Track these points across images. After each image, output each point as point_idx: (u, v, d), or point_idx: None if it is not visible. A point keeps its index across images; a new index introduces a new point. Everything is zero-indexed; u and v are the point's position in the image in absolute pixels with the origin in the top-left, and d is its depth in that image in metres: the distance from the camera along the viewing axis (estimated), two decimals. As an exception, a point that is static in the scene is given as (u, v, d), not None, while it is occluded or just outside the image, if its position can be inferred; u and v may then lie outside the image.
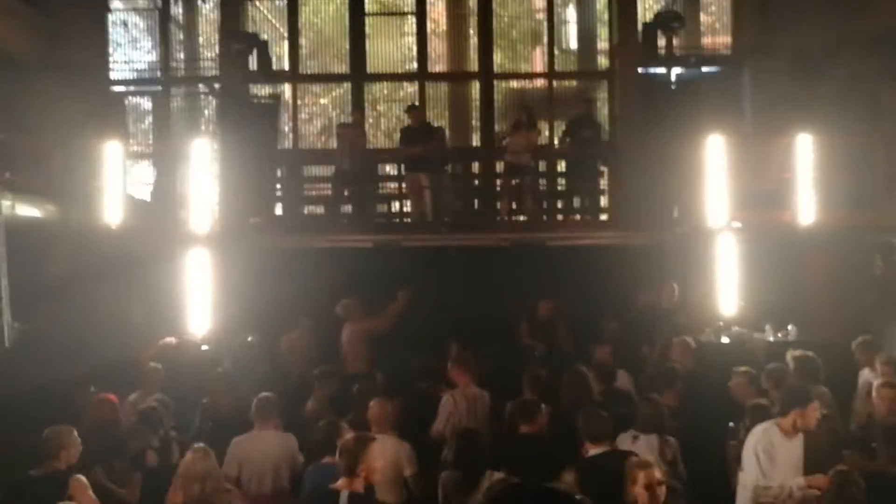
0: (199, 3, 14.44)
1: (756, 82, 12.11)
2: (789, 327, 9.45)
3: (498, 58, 16.70)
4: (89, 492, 5.21)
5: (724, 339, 9.20)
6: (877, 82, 10.38)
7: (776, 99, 11.52)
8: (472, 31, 13.86)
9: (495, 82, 13.70)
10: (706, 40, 14.59)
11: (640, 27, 12.32)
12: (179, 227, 9.90)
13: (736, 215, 9.72)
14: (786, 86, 11.47)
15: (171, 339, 8.92)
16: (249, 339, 9.27)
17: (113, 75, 12.90)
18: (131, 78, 13.60)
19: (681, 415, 6.34)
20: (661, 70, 12.03)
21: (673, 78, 11.76)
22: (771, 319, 9.56)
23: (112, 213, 9.92)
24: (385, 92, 18.65)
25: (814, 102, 10.51)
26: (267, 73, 11.81)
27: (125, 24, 13.98)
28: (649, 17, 13.18)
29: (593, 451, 5.37)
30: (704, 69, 12.94)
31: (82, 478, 5.25)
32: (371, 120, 17.62)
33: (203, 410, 7.23)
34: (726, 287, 9.56)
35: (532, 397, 6.49)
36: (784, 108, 10.94)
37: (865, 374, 7.33)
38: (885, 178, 9.97)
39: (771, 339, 9.38)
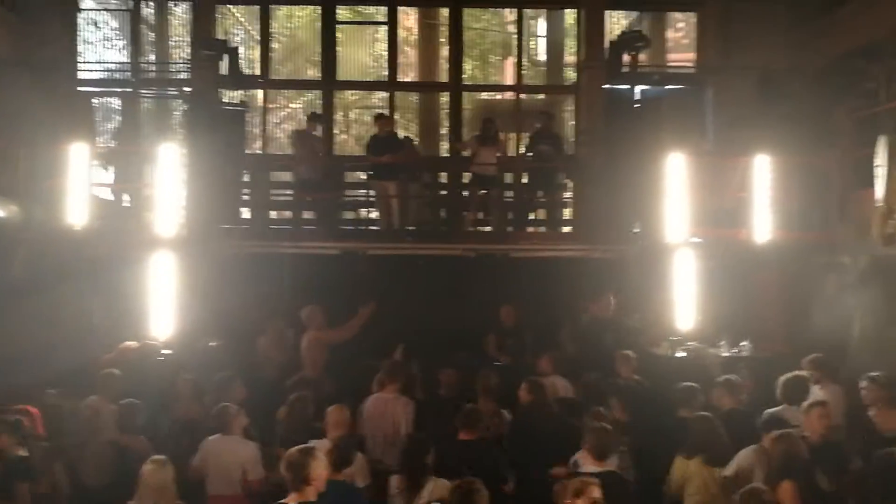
0: (171, 5, 14.44)
1: (718, 101, 12.38)
2: (743, 343, 9.68)
3: (468, 68, 16.90)
4: None
5: (680, 354, 9.40)
6: (833, 104, 10.67)
7: (737, 118, 11.78)
8: (443, 42, 14.00)
9: (465, 93, 13.84)
10: (673, 57, 14.89)
11: (607, 44, 12.51)
12: (145, 229, 9.89)
13: (695, 231, 9.93)
14: (747, 105, 11.76)
15: (132, 343, 8.92)
16: (211, 344, 9.29)
17: (82, 75, 12.83)
18: (101, 78, 13.53)
19: (631, 429, 6.50)
20: (627, 86, 12.23)
21: (638, 94, 11.96)
22: (726, 335, 9.78)
23: (77, 214, 9.86)
24: (356, 99, 18.81)
25: (773, 122, 10.77)
26: (237, 78, 11.83)
27: (96, 23, 13.92)
28: (617, 31, 13.43)
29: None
30: (669, 86, 13.20)
31: None
32: (343, 126, 17.76)
33: (171, 415, 7.29)
34: (683, 302, 9.76)
35: (486, 403, 6.63)
36: (744, 128, 11.20)
37: (815, 391, 7.47)
38: (839, 198, 10.25)
39: (726, 353, 9.59)
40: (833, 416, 6.49)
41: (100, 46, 13.88)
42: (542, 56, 16.66)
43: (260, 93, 14.68)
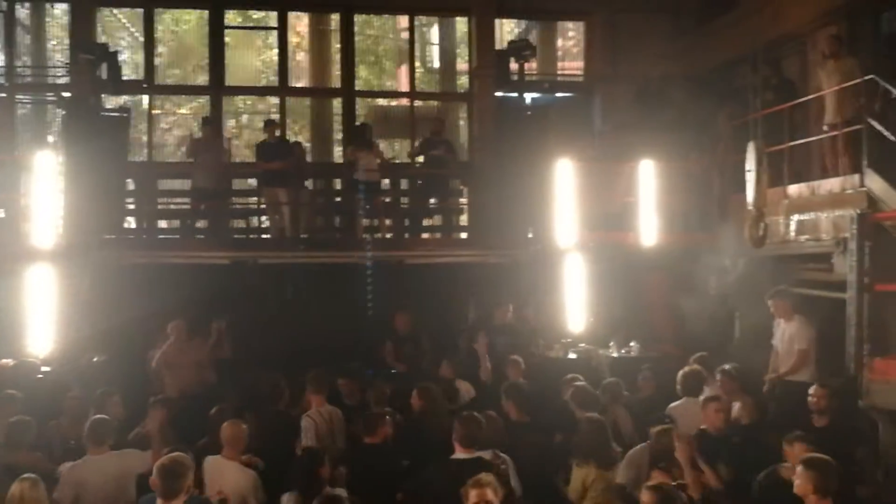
0: (49, 6, 13.83)
1: (605, 108, 12.74)
2: (632, 343, 9.96)
3: (363, 74, 16.83)
4: None
5: (572, 355, 9.59)
6: (712, 111, 11.11)
7: (623, 124, 12.15)
8: (335, 48, 13.89)
9: (358, 99, 13.76)
10: (563, 65, 15.22)
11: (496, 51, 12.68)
12: (21, 241, 9.42)
13: (584, 236, 10.16)
14: (631, 112, 12.14)
15: (6, 361, 8.48)
16: (95, 359, 8.92)
17: (-50, 78, 12.15)
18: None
19: (523, 430, 6.58)
20: (517, 93, 12.43)
21: (528, 102, 12.17)
22: (616, 336, 10.04)
23: (-54, 226, 9.35)
24: (247, 104, 18.45)
25: (656, 129, 11.13)
26: (117, 83, 11.38)
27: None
28: (509, 39, 13.62)
29: (461, 454, 5.48)
30: (559, 94, 13.48)
31: None
32: (234, 132, 17.38)
33: (60, 432, 6.96)
34: (574, 305, 9.98)
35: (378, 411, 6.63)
36: (629, 134, 11.54)
37: (707, 390, 7.69)
38: (719, 202, 10.68)
39: (615, 354, 9.85)
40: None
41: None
42: (435, 63, 16.74)
43: (146, 99, 14.22)
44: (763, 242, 8.93)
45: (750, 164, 8.91)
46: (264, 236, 12.25)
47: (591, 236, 10.23)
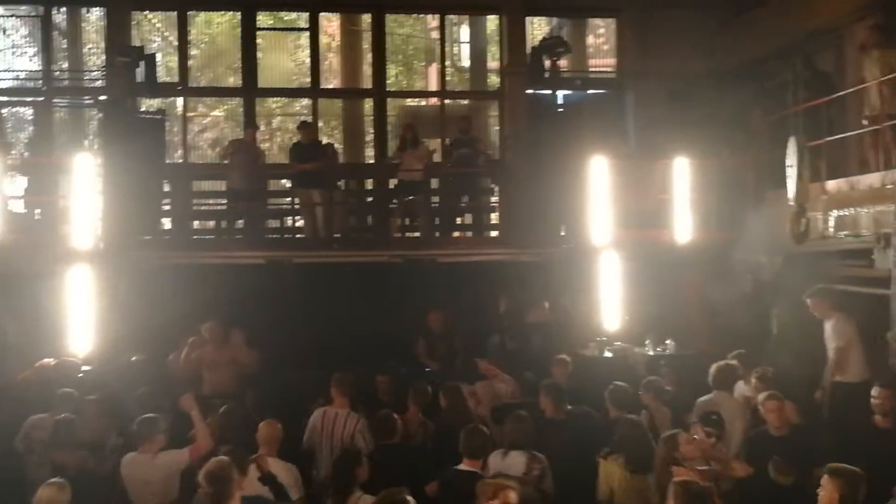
0: (85, 11, 14.02)
1: (637, 105, 12.65)
2: (668, 341, 9.89)
3: (393, 74, 16.88)
4: None
5: (608, 354, 9.54)
6: (746, 107, 11.01)
7: (656, 122, 12.06)
8: (366, 48, 13.94)
9: (389, 99, 13.81)
10: (593, 62, 15.16)
11: (529, 49, 12.66)
12: (61, 242, 9.56)
13: (617, 233, 10.10)
14: (664, 109, 12.05)
15: (49, 361, 8.61)
16: (134, 358, 9.03)
17: (-9, 83, 12.38)
18: (11, 87, 13.05)
19: (561, 428, 6.55)
20: (549, 91, 12.40)
21: (560, 99, 12.14)
22: (651, 334, 9.98)
23: (-14, 228, 9.50)
24: (279, 106, 18.59)
25: (689, 125, 11.05)
26: (153, 86, 11.53)
27: (4, 30, 13.44)
28: (539, 37, 13.59)
29: (465, 466, 5.55)
30: (591, 91, 13.42)
31: None
32: (266, 134, 17.51)
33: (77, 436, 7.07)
34: (609, 303, 9.92)
35: (415, 412, 6.70)
36: (663, 131, 11.46)
37: (740, 387, 7.62)
38: (755, 199, 10.57)
39: (651, 353, 9.78)
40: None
41: (9, 54, 13.40)
42: (465, 62, 16.76)
43: (180, 101, 14.37)
44: (805, 238, 8.83)
45: (790, 159, 8.79)
46: (298, 236, 12.35)
47: (624, 234, 10.17)
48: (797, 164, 8.73)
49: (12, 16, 13.30)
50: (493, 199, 12.98)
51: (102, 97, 12.21)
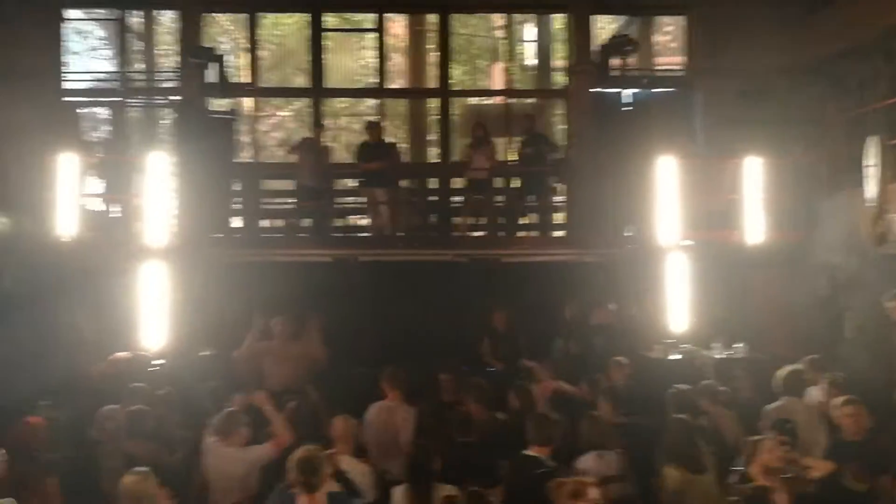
0: (158, 13, 14.38)
1: (707, 103, 12.41)
2: (738, 344, 9.69)
3: (457, 73, 16.91)
4: None
5: (674, 356, 9.39)
6: (820, 104, 10.72)
7: (726, 120, 11.83)
8: (431, 48, 13.99)
9: (453, 99, 13.83)
10: (661, 60, 14.94)
11: (595, 47, 12.54)
12: (135, 240, 9.83)
13: (687, 234, 9.94)
14: (735, 107, 11.80)
15: (123, 354, 8.85)
16: (205, 353, 9.23)
17: (69, 84, 12.75)
18: (88, 88, 13.45)
19: (626, 432, 6.48)
20: (616, 90, 12.26)
21: (627, 98, 12.00)
22: (720, 336, 9.79)
23: (66, 225, 9.81)
24: (345, 106, 18.79)
25: (761, 124, 10.81)
26: (224, 86, 11.79)
27: (82, 32, 13.85)
28: (606, 34, 13.45)
29: (532, 452, 5.55)
30: (658, 90, 13.23)
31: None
32: (331, 133, 17.71)
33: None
34: (676, 304, 9.75)
35: (479, 409, 6.71)
36: (733, 129, 11.24)
37: (813, 393, 7.47)
38: (829, 198, 10.29)
39: (719, 356, 9.59)
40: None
41: (86, 56, 13.81)
42: (530, 61, 16.69)
43: (248, 101, 14.63)
44: (885, 240, 8.56)
45: (870, 158, 8.53)
46: (363, 235, 12.47)
47: (693, 234, 10.00)
48: (878, 164, 8.46)
49: (90, 19, 13.68)
50: (559, 198, 12.89)
51: (175, 97, 12.52)
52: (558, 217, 13.08)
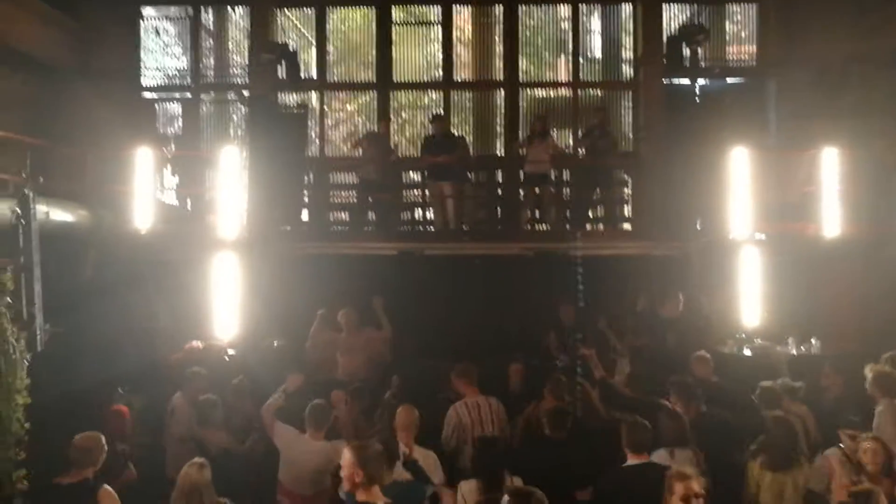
0: (230, 10, 14.63)
1: (781, 94, 12.10)
2: (812, 340, 9.45)
3: (523, 65, 16.78)
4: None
5: (747, 352, 9.21)
6: (898, 95, 10.37)
7: (800, 111, 11.51)
8: (497, 40, 13.93)
9: (520, 91, 13.74)
10: (732, 49, 14.58)
11: (665, 37, 12.33)
12: (208, 232, 10.05)
13: (759, 227, 9.73)
14: (810, 98, 11.46)
15: (197, 343, 9.07)
16: (276, 343, 9.40)
17: (144, 81, 13.11)
18: (162, 84, 13.79)
19: (701, 428, 6.37)
20: (686, 80, 12.03)
21: (698, 89, 11.76)
22: (794, 332, 9.56)
23: (142, 217, 10.11)
24: (410, 99, 18.81)
25: (837, 115, 10.50)
26: (295, 81, 11.95)
27: (157, 30, 14.17)
28: (675, 26, 13.20)
29: (632, 461, 5.44)
30: (730, 80, 12.95)
31: (110, 488, 5.35)
32: (396, 127, 17.78)
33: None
34: (749, 299, 9.56)
35: (558, 404, 6.62)
36: (808, 121, 10.95)
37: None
38: (910, 191, 9.96)
39: (794, 351, 9.38)
40: None
41: (160, 53, 14.13)
42: (596, 52, 16.46)
43: (315, 95, 14.78)
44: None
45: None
46: (429, 228, 12.50)
47: (766, 227, 9.78)
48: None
49: (164, 17, 14.00)
50: (627, 191, 12.73)
51: (247, 93, 12.73)
52: (626, 210, 12.92)
